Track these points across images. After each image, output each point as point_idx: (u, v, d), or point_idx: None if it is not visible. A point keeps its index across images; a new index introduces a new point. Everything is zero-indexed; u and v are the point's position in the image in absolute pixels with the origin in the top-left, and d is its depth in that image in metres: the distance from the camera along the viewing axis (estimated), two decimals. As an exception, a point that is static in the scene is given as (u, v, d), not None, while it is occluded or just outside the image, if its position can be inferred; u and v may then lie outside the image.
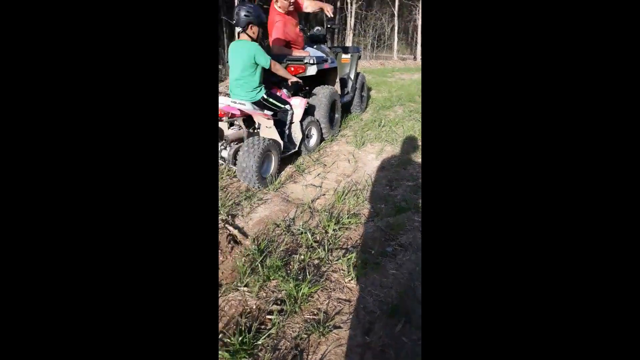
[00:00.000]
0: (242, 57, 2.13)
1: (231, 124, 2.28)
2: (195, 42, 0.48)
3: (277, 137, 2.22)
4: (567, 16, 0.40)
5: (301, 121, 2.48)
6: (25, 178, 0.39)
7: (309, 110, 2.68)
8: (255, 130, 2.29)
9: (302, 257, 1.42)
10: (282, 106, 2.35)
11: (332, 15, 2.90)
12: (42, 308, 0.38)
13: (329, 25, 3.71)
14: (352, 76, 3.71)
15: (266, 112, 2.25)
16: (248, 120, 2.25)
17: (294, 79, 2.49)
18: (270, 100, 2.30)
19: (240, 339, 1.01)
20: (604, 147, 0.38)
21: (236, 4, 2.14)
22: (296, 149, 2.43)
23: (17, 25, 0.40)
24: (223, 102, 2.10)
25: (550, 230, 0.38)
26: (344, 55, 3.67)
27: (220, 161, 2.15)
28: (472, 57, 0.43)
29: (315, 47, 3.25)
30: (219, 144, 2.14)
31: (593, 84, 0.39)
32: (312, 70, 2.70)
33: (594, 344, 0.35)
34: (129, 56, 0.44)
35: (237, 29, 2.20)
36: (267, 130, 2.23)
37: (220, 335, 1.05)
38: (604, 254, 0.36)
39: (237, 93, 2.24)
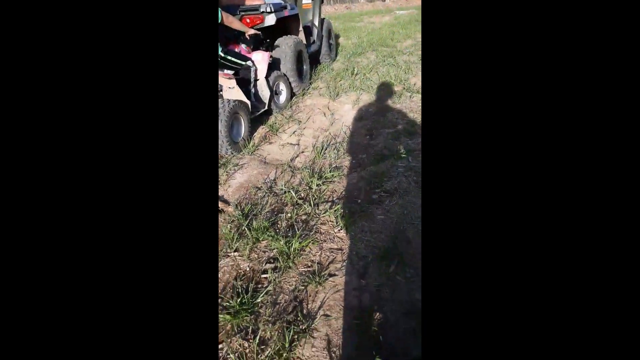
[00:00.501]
0: None
1: None
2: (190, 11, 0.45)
3: (243, 97, 2.11)
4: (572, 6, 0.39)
5: (267, 77, 2.35)
6: (19, 167, 0.40)
7: (273, 65, 2.53)
8: (219, 93, 2.16)
9: (289, 214, 1.43)
10: (243, 63, 2.20)
11: None
12: (37, 297, 0.39)
13: None
14: (316, 23, 3.50)
15: (226, 71, 2.11)
16: None
17: (252, 31, 2.31)
18: (229, 57, 2.13)
19: (239, 300, 1.04)
20: (607, 144, 0.38)
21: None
22: (266, 107, 2.33)
23: (15, 24, 0.40)
24: None
25: (550, 230, 0.39)
26: (304, 1, 3.42)
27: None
28: (473, 46, 0.42)
29: None
30: None
31: (598, 77, 0.38)
32: (270, 20, 2.51)
33: (594, 344, 0.36)
34: (126, 44, 0.43)
35: None
36: (231, 91, 2.11)
37: (219, 300, 1.07)
38: (605, 256, 0.37)
39: None
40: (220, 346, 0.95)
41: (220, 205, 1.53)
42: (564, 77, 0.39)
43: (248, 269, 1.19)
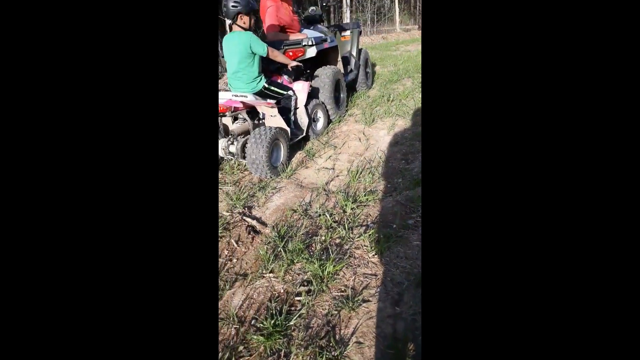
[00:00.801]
0: (237, 48, 2.14)
1: (235, 118, 2.32)
2: (194, 38, 0.48)
3: (284, 125, 2.24)
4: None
5: (306, 105, 2.48)
6: (19, 164, 0.41)
7: (312, 94, 2.68)
8: (261, 121, 2.32)
9: (323, 237, 1.45)
10: (285, 92, 2.36)
11: None
12: (41, 305, 0.39)
13: (323, 4, 3.66)
14: (354, 53, 3.66)
15: (269, 100, 2.27)
16: (252, 112, 2.27)
17: (294, 63, 2.49)
18: (272, 88, 2.31)
19: (272, 322, 1.06)
20: (607, 144, 0.38)
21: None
22: (304, 134, 2.44)
23: (14, 24, 0.41)
24: (224, 97, 2.13)
25: (551, 229, 0.39)
26: (343, 33, 3.62)
27: (229, 156, 2.20)
28: (474, 47, 0.43)
29: (312, 28, 3.22)
30: (226, 139, 2.18)
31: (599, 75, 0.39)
32: (311, 52, 2.69)
33: (594, 344, 0.36)
34: (128, 52, 0.45)
35: (228, 22, 2.20)
36: (272, 119, 2.25)
37: (253, 321, 1.10)
38: (606, 257, 0.37)
39: (236, 86, 2.26)
40: (253, 366, 0.96)
41: (258, 226, 1.60)
42: (560, 81, 0.40)
43: (282, 291, 1.21)
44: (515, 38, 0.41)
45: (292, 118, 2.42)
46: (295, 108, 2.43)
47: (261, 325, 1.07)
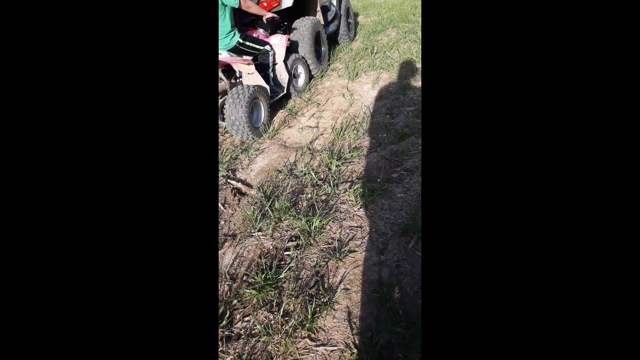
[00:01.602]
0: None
1: None
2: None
3: (262, 82, 2.14)
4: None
5: (285, 61, 2.35)
6: (18, 166, 0.40)
7: (291, 48, 2.53)
8: (238, 80, 2.20)
9: (309, 195, 1.47)
10: (261, 48, 2.22)
11: None
12: (37, 290, 0.39)
13: None
14: (334, 2, 3.41)
15: (245, 57, 2.14)
16: (228, 70, 2.15)
17: (269, 15, 2.31)
18: (247, 43, 2.16)
19: (263, 276, 1.10)
20: (608, 145, 0.37)
21: None
22: (285, 91, 2.35)
23: (14, 24, 0.40)
24: None
25: (550, 230, 0.39)
26: None
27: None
28: (475, 41, 0.41)
29: None
30: None
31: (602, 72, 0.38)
32: (287, 2, 2.49)
33: (593, 343, 0.36)
34: (122, 21, 0.43)
35: None
36: (250, 76, 2.14)
37: (244, 277, 1.14)
38: (606, 256, 0.36)
39: None
40: (247, 318, 1.02)
41: (243, 188, 1.59)
42: (560, 80, 0.40)
43: (271, 247, 1.25)
44: (517, 29, 0.40)
45: (271, 75, 2.30)
46: (274, 64, 2.31)
47: (253, 280, 1.11)
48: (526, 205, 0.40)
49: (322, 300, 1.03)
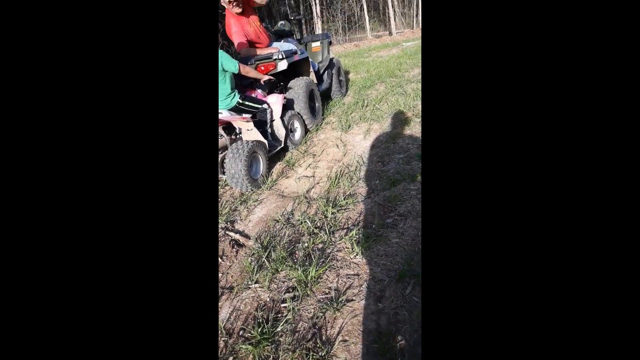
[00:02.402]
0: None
1: None
2: (194, 48, 0.50)
3: (261, 138, 2.28)
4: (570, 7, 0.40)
5: (282, 117, 2.54)
6: (19, 167, 0.41)
7: (288, 105, 2.74)
8: (238, 136, 2.36)
9: (306, 244, 1.49)
10: (259, 106, 2.42)
11: (261, 3, 2.89)
12: (46, 317, 0.40)
13: (291, 18, 3.78)
14: (325, 63, 3.77)
15: (244, 115, 2.31)
16: (228, 127, 2.31)
17: (266, 77, 2.55)
18: (246, 103, 2.36)
19: (260, 330, 1.09)
20: (607, 145, 0.38)
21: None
22: (282, 145, 2.49)
23: (14, 24, 0.41)
24: None
25: (551, 230, 0.39)
26: (313, 44, 3.74)
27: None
28: (473, 53, 0.44)
29: (282, 41, 3.32)
30: None
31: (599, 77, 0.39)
32: (282, 65, 2.76)
33: (593, 343, 0.36)
34: (128, 62, 0.46)
35: None
36: (249, 133, 2.29)
37: (241, 332, 1.12)
38: (605, 255, 0.37)
39: None
40: (243, 376, 0.98)
41: (241, 239, 1.62)
42: (556, 84, 0.40)
43: (268, 299, 1.24)
44: (514, 38, 0.42)
45: (269, 130, 2.47)
46: (271, 120, 2.49)
47: (249, 334, 1.09)
48: (525, 249, 0.39)
49: (320, 354, 1.00)
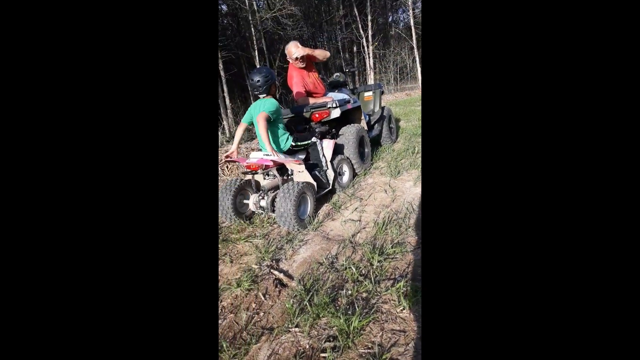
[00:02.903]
0: (258, 112, 2.40)
1: (267, 175, 2.53)
2: (195, 94, 0.55)
3: (310, 179, 2.39)
4: (567, 16, 0.42)
5: (331, 161, 2.65)
6: (20, 169, 0.43)
7: (338, 149, 2.87)
8: (290, 177, 2.50)
9: (350, 291, 1.45)
10: (310, 141, 2.56)
11: (322, 59, 3.18)
12: (48, 323, 0.41)
13: (346, 70, 4.11)
14: (376, 110, 3.94)
15: (297, 158, 2.47)
16: (281, 168, 2.47)
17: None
18: (299, 143, 2.53)
19: (296, 379, 1.05)
20: (605, 146, 0.39)
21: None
22: (330, 187, 2.56)
23: (15, 25, 0.44)
24: (256, 156, 2.35)
25: (551, 231, 0.40)
26: (366, 94, 3.97)
27: (260, 210, 2.35)
28: (472, 66, 0.47)
29: (337, 91, 3.58)
30: (257, 194, 2.36)
31: (595, 82, 0.41)
32: (335, 113, 2.94)
33: (593, 343, 0.35)
34: (131, 66, 0.50)
35: (261, 96, 2.44)
36: (300, 174, 2.42)
37: (276, 378, 1.09)
38: (604, 255, 0.37)
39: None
40: None
41: (285, 279, 1.64)
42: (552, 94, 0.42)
43: (307, 347, 1.21)
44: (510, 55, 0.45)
45: (319, 173, 2.57)
46: (324, 156, 2.61)
47: (286, 382, 1.05)
48: (525, 251, 0.39)
49: (360, 418, 0.92)
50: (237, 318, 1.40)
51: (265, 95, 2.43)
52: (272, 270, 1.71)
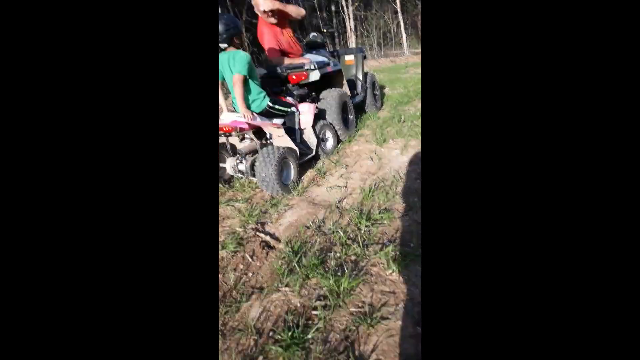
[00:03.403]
0: (232, 68, 2.19)
1: (243, 137, 2.43)
2: (194, 52, 0.54)
3: (291, 144, 2.34)
4: (568, 15, 0.43)
5: (313, 126, 2.60)
6: (19, 169, 0.43)
7: (320, 114, 2.82)
8: (268, 141, 2.43)
9: (338, 254, 1.50)
10: (289, 109, 2.48)
11: (296, 17, 2.94)
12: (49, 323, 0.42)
13: (324, 30, 3.91)
14: (359, 76, 3.86)
15: (275, 121, 2.38)
16: (258, 132, 2.39)
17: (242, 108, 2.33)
18: (277, 107, 2.40)
19: (290, 334, 1.10)
20: (606, 146, 0.40)
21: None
22: (313, 153, 2.55)
23: (15, 25, 0.43)
24: (229, 117, 2.19)
25: (550, 231, 0.41)
26: (347, 57, 3.84)
27: (238, 174, 2.29)
28: (473, 56, 0.47)
29: (314, 52, 3.42)
30: (234, 158, 2.29)
31: (596, 81, 0.41)
32: (314, 76, 2.81)
33: (592, 344, 0.37)
34: (132, 64, 0.49)
35: (222, 46, 2.19)
36: (280, 139, 2.36)
37: (270, 333, 1.14)
38: (605, 256, 0.38)
39: None
40: (270, 381, 0.99)
41: (272, 242, 1.65)
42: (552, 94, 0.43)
43: (299, 305, 1.25)
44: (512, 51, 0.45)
45: (300, 138, 2.53)
46: (302, 129, 2.55)
47: (279, 337, 1.10)
48: (525, 251, 0.41)
49: (354, 368, 0.99)
50: (224, 278, 1.41)
51: (226, 46, 2.18)
52: (257, 233, 1.72)
